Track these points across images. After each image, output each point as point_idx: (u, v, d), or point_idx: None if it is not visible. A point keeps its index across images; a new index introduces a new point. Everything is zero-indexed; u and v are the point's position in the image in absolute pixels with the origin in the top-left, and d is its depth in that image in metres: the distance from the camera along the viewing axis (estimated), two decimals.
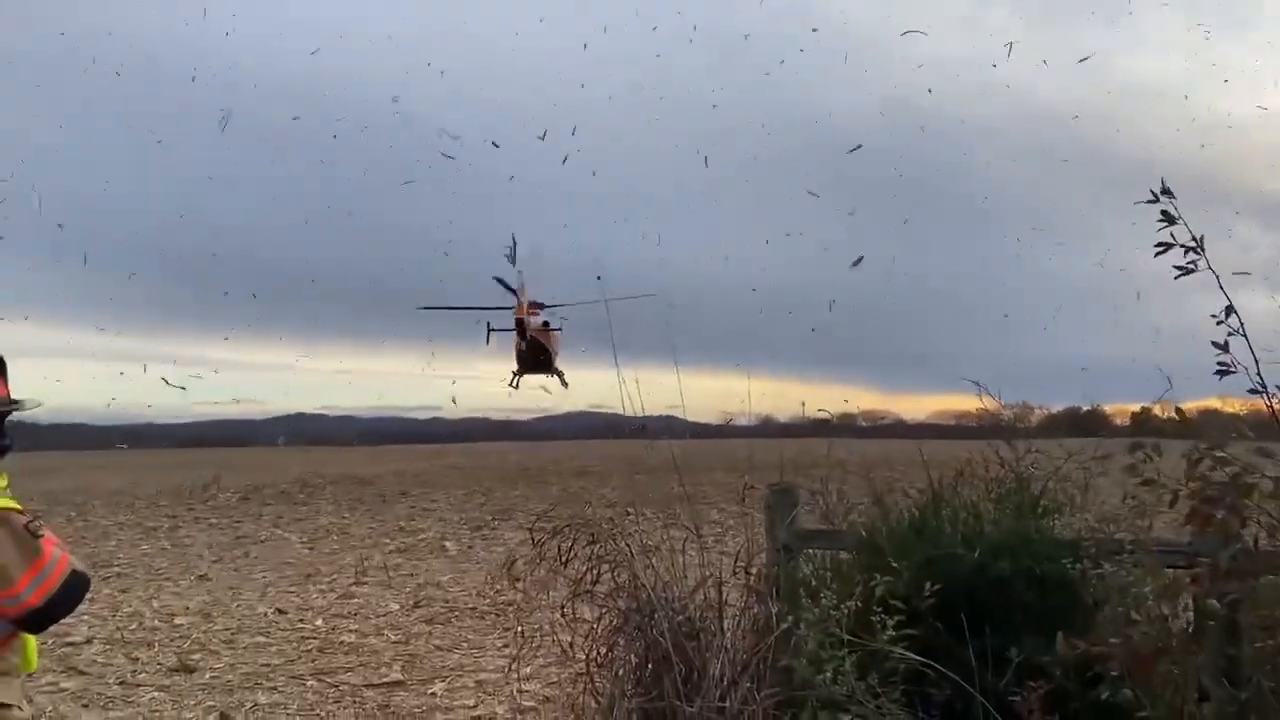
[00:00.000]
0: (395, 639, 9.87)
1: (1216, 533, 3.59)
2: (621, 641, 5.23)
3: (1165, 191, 3.63)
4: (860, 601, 4.53)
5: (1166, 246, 3.66)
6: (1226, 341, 3.57)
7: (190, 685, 8.21)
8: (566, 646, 5.43)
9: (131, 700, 7.85)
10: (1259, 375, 3.57)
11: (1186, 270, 3.66)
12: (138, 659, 9.11)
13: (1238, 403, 4.72)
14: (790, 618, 4.88)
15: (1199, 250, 3.63)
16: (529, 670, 7.52)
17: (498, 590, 11.16)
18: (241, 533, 19.15)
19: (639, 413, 6.16)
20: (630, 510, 6.40)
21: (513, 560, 5.83)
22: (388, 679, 8.32)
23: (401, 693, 7.96)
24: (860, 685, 4.23)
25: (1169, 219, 3.65)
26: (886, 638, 4.32)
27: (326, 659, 9.08)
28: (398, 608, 11.50)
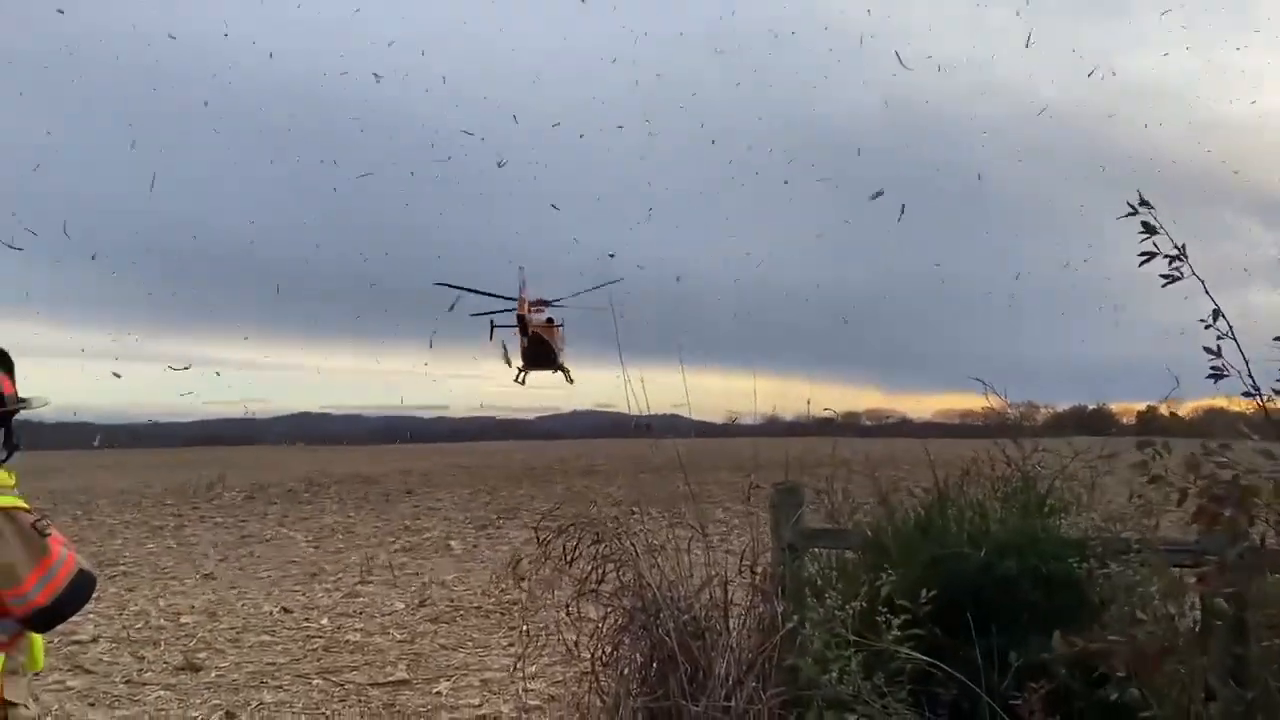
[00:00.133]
0: (400, 638, 9.87)
1: (1224, 531, 3.60)
2: (627, 640, 5.23)
3: (1144, 203, 3.70)
4: (865, 602, 4.53)
5: (1150, 256, 3.73)
6: (1219, 345, 3.60)
7: (196, 684, 8.22)
8: (571, 645, 5.43)
9: (137, 699, 7.86)
10: (1250, 377, 3.61)
11: (1171, 278, 3.72)
12: (144, 658, 9.12)
13: (1243, 402, 4.72)
14: (796, 617, 4.87)
15: (1182, 258, 3.69)
16: (534, 669, 7.52)
17: (503, 589, 11.18)
18: (247, 532, 19.17)
19: (644, 412, 6.16)
20: (635, 509, 6.39)
21: (518, 559, 5.84)
22: (393, 678, 8.32)
23: (407, 692, 7.96)
24: (866, 685, 4.22)
25: (1150, 229, 3.71)
26: (892, 637, 4.31)
27: (332, 658, 9.09)
28: (403, 607, 11.51)
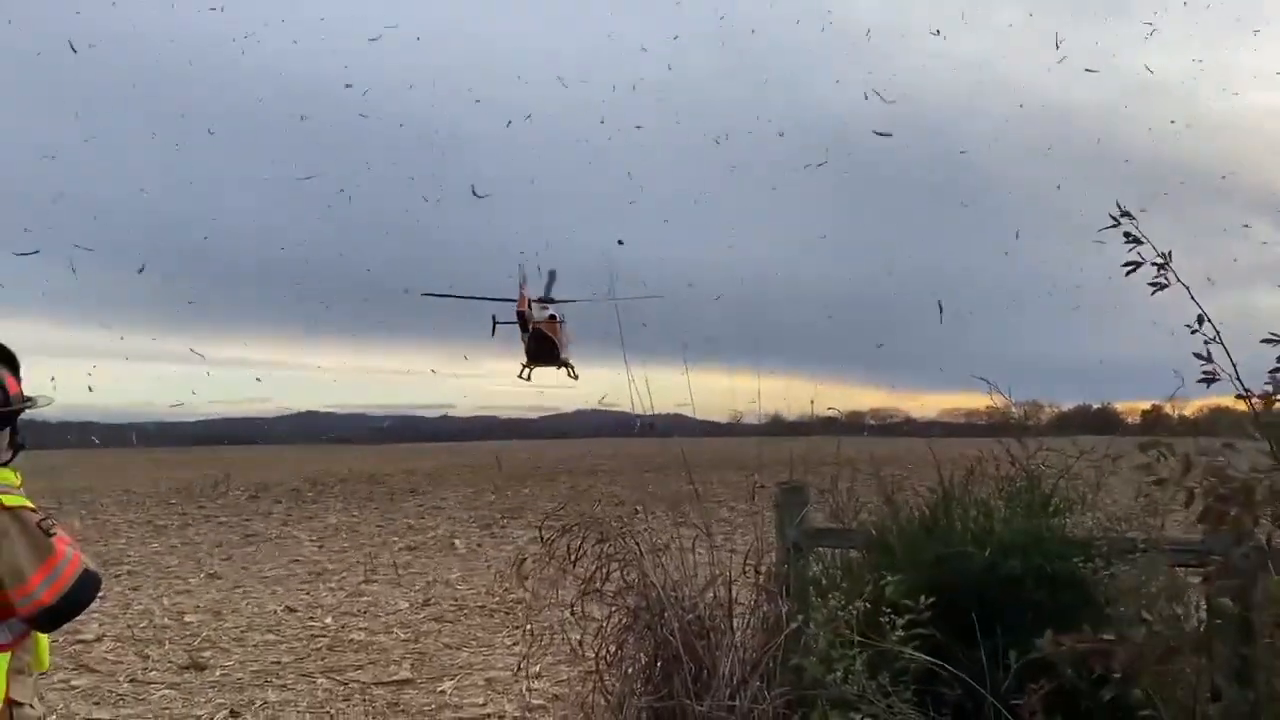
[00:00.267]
0: (405, 637, 9.88)
1: (1230, 531, 3.60)
2: (631, 640, 5.22)
3: (1125, 213, 3.72)
4: (869, 602, 4.52)
5: (1135, 265, 3.75)
6: (1209, 351, 3.61)
7: (201, 683, 8.24)
8: (576, 645, 5.43)
9: (142, 698, 7.87)
10: (1239, 380, 3.62)
11: (1159, 286, 3.73)
12: (148, 656, 9.13)
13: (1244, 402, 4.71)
14: (800, 617, 4.87)
15: (1166, 265, 3.71)
16: (538, 668, 7.52)
17: (507, 589, 11.18)
18: (251, 531, 19.19)
19: (648, 411, 6.16)
20: (639, 509, 6.39)
21: (522, 559, 5.84)
22: (397, 677, 8.33)
23: (411, 691, 7.97)
24: (871, 684, 4.21)
25: (1134, 239, 3.73)
26: (896, 637, 4.31)
27: (336, 657, 9.10)
28: (407, 606, 11.52)
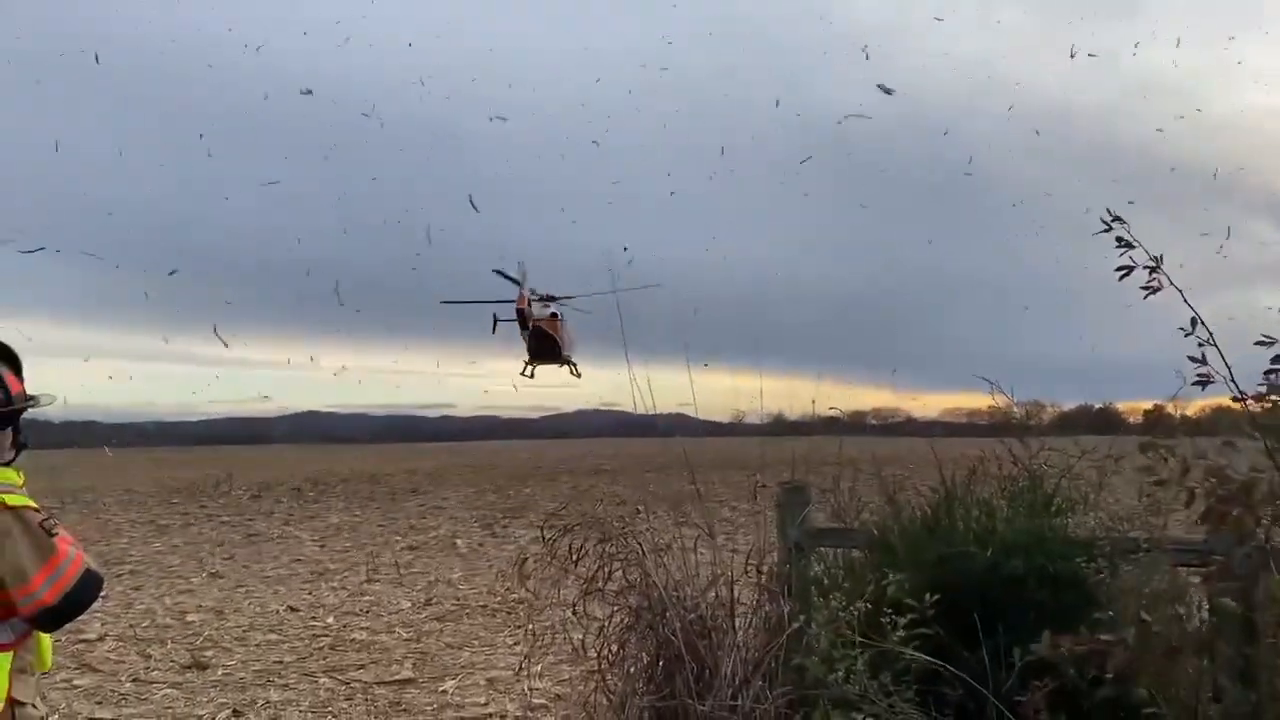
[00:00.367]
0: (407, 636, 9.89)
1: (1231, 531, 3.60)
2: (633, 640, 5.22)
3: (1116, 219, 3.73)
4: (869, 602, 4.51)
5: (1128, 270, 3.76)
6: (1203, 354, 3.61)
7: (203, 682, 8.24)
8: (578, 644, 5.43)
9: (144, 697, 7.88)
10: (1233, 382, 3.62)
11: (1151, 289, 3.74)
12: (150, 656, 9.15)
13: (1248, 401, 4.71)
14: (802, 616, 4.87)
15: (1159, 269, 3.72)
16: (540, 668, 7.53)
17: (508, 588, 11.18)
18: (253, 530, 19.22)
19: (649, 411, 6.16)
20: (641, 508, 6.38)
21: (524, 558, 5.83)
22: (399, 676, 8.34)
23: (413, 690, 7.97)
24: (873, 684, 4.21)
25: (1126, 244, 3.74)
26: (897, 637, 4.30)
27: (338, 656, 9.11)
28: (409, 605, 11.53)
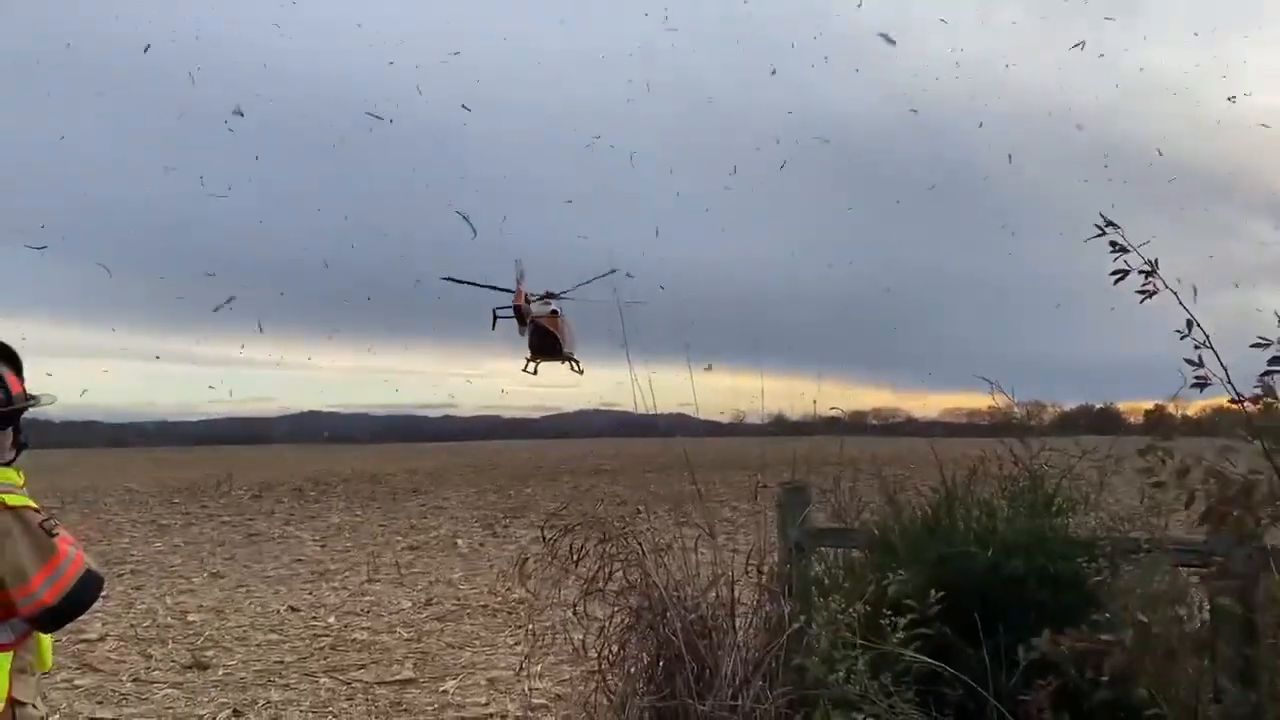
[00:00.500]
0: (407, 636, 9.89)
1: (1231, 531, 3.60)
2: (633, 640, 5.22)
3: (1110, 224, 3.73)
4: (868, 604, 4.51)
5: (1123, 274, 3.76)
6: (1200, 356, 3.61)
7: (203, 682, 8.25)
8: (578, 645, 5.43)
9: (145, 697, 7.88)
10: (1230, 384, 3.63)
11: (1147, 293, 3.74)
12: (151, 656, 9.15)
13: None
14: (802, 616, 4.86)
15: (1153, 273, 3.71)
16: (540, 668, 7.53)
17: (509, 588, 11.19)
18: (254, 530, 19.22)
19: (650, 411, 6.16)
20: (642, 508, 6.39)
21: (524, 558, 5.83)
22: (400, 676, 8.34)
23: (413, 690, 7.98)
24: (873, 684, 4.21)
25: (1120, 249, 3.74)
26: (897, 639, 4.30)
27: (339, 656, 9.11)
28: (410, 605, 11.53)
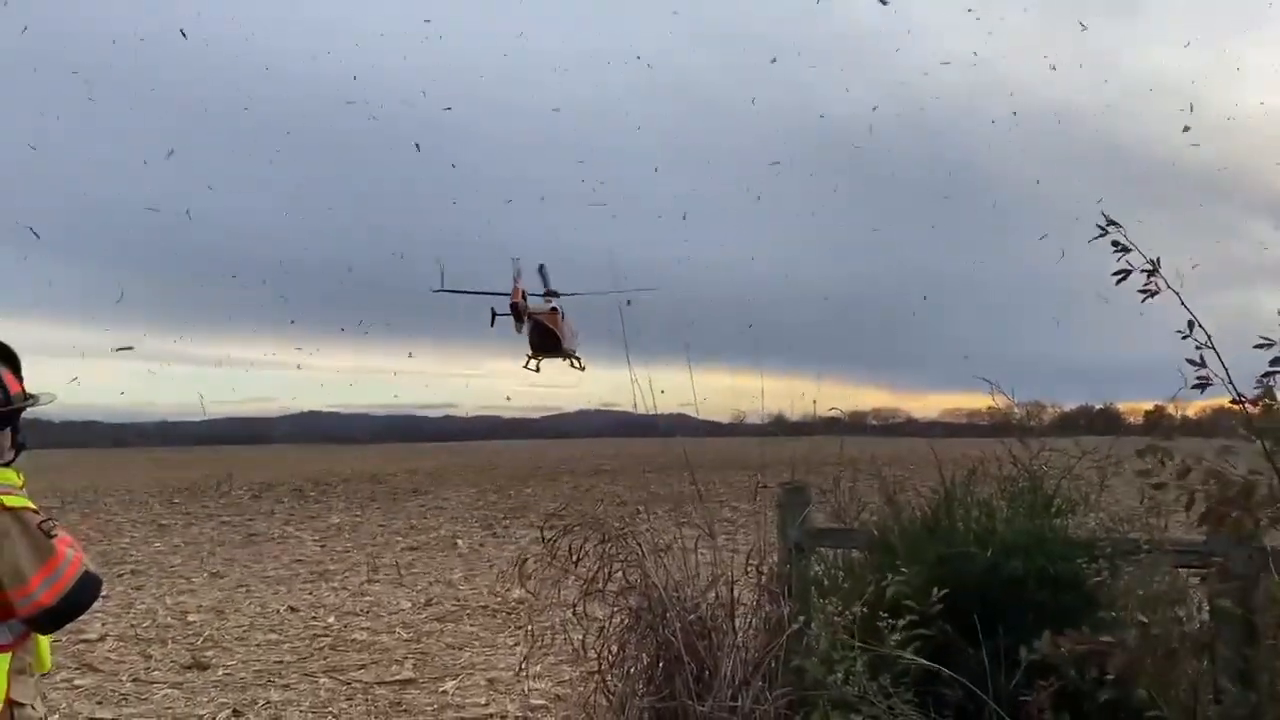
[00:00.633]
0: (407, 637, 9.89)
1: (1230, 532, 3.59)
2: (633, 640, 5.22)
3: (1111, 223, 3.73)
4: (865, 608, 4.50)
5: (1125, 274, 3.75)
6: (1202, 356, 3.61)
7: (203, 682, 8.25)
8: (578, 645, 5.43)
9: (145, 697, 7.88)
10: (1231, 385, 3.62)
11: (1149, 293, 3.73)
12: (151, 656, 9.15)
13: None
14: (802, 617, 4.86)
15: (1155, 272, 3.71)
16: (540, 669, 7.52)
17: (509, 589, 11.18)
18: (254, 530, 19.23)
19: (651, 411, 6.16)
20: (641, 509, 6.39)
21: (524, 559, 5.83)
22: (399, 677, 8.34)
23: (413, 690, 7.97)
24: (872, 685, 4.21)
25: (1122, 248, 3.73)
26: (895, 640, 4.29)
27: (338, 656, 9.11)
28: (409, 605, 11.53)
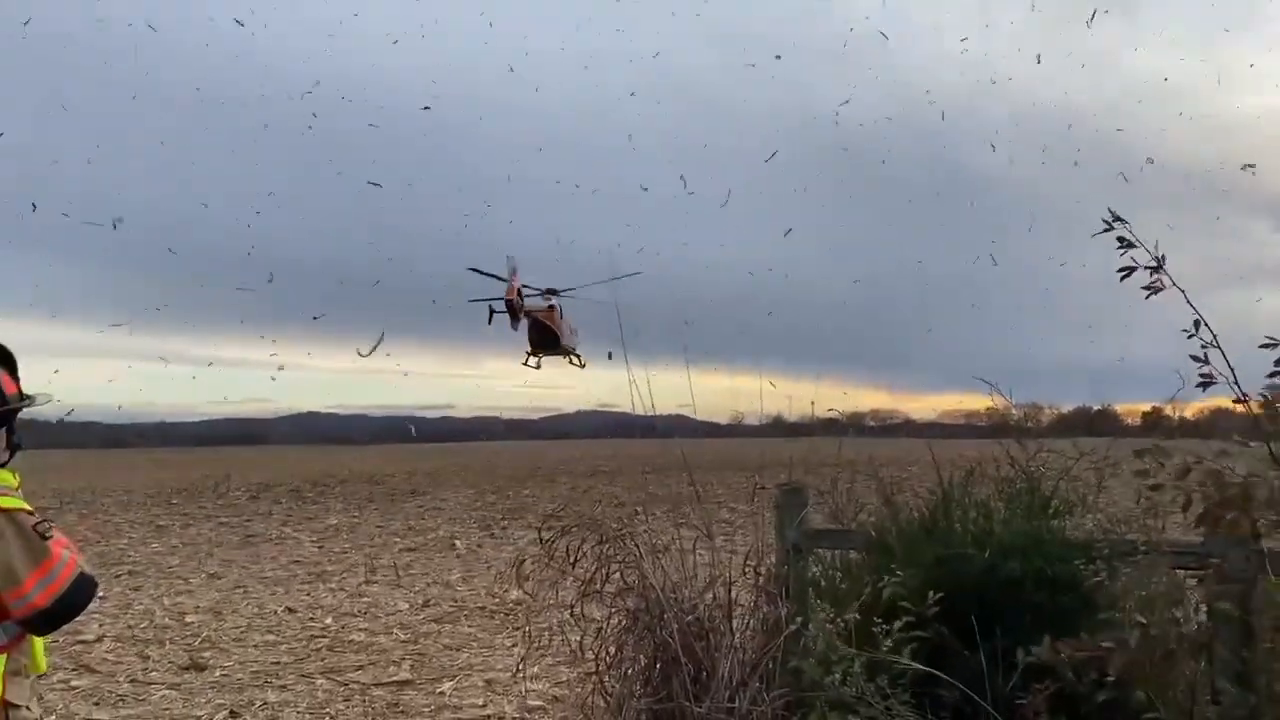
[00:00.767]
0: (404, 638, 9.88)
1: (1227, 534, 3.60)
2: (630, 641, 5.21)
3: (1117, 218, 3.74)
4: (859, 613, 4.50)
5: (1129, 270, 3.77)
6: (1205, 354, 3.60)
7: (201, 683, 8.24)
8: (575, 646, 5.42)
9: (142, 698, 7.87)
10: (1236, 384, 3.63)
11: (1153, 290, 3.74)
12: (149, 657, 9.14)
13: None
14: (799, 618, 4.86)
15: (1161, 269, 3.72)
16: (537, 670, 7.53)
17: (506, 590, 11.18)
18: (252, 531, 19.22)
19: (649, 412, 6.15)
20: (639, 510, 6.38)
21: (522, 560, 5.83)
22: (397, 678, 8.33)
23: (410, 691, 7.97)
24: (870, 687, 4.21)
25: (1127, 244, 3.75)
26: (892, 641, 4.29)
27: (336, 657, 9.10)
28: (407, 607, 11.52)
